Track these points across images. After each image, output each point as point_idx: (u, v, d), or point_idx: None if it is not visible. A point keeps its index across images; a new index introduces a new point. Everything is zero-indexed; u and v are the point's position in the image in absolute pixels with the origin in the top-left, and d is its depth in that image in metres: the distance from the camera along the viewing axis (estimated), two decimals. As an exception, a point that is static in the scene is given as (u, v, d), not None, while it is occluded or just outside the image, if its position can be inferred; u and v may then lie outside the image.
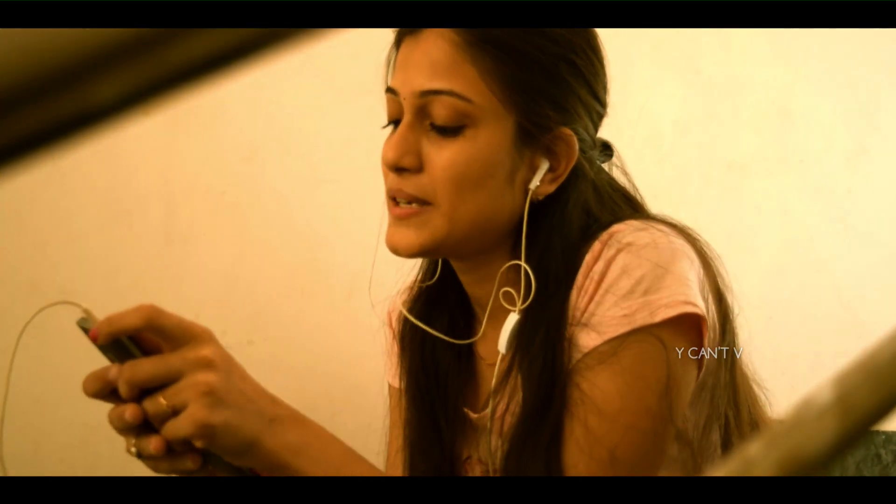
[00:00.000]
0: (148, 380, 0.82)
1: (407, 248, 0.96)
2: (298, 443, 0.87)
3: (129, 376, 0.82)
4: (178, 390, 0.82)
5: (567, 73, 0.95)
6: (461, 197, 0.94)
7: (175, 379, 0.82)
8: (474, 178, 0.94)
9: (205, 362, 0.82)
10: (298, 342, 1.90)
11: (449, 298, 1.07)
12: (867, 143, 2.13)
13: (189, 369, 0.82)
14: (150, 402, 0.82)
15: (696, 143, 2.09)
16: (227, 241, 1.87)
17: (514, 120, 0.94)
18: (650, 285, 0.91)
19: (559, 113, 0.96)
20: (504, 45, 0.93)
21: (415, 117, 0.95)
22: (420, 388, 1.07)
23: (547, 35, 0.95)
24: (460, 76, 0.93)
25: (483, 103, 0.93)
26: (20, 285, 1.78)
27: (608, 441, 0.90)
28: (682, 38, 2.07)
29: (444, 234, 0.95)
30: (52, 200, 1.80)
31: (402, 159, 0.94)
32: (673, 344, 0.91)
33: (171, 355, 0.83)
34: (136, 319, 0.82)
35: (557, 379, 0.93)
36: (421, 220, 0.95)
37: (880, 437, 1.86)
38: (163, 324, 0.83)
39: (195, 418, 0.81)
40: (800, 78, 2.11)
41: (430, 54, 0.94)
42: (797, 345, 2.06)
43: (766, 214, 2.10)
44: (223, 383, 0.83)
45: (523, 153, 0.96)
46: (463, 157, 0.93)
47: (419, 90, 0.94)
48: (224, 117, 1.87)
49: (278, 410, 0.88)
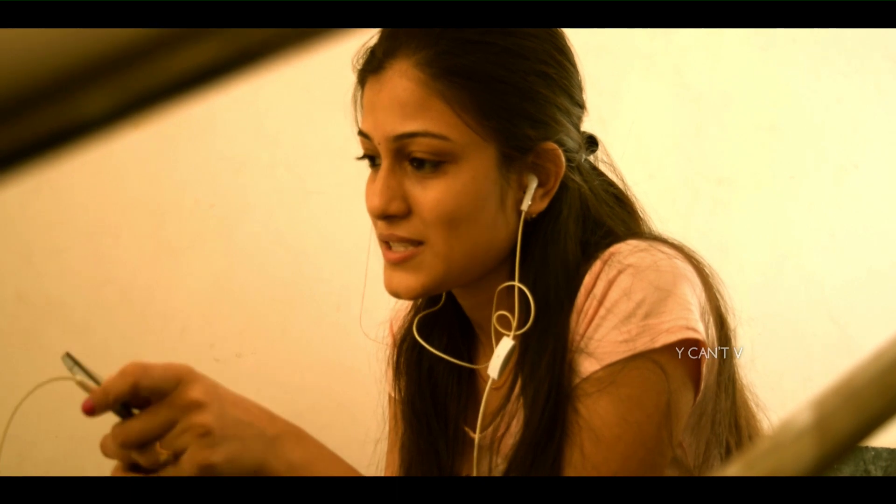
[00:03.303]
0: (142, 439, 0.82)
1: (407, 291, 0.95)
2: (302, 461, 0.88)
3: (122, 439, 0.82)
4: (174, 437, 0.82)
5: (541, 87, 0.93)
6: (454, 234, 0.92)
7: (169, 428, 0.82)
8: (465, 214, 0.92)
9: (195, 405, 0.82)
10: (286, 355, 1.89)
11: (448, 318, 1.06)
12: (857, 159, 2.13)
13: (181, 415, 0.82)
14: (149, 454, 0.83)
15: (685, 158, 2.09)
16: (215, 253, 1.87)
17: (494, 148, 0.92)
18: (651, 309, 0.90)
19: (539, 129, 0.94)
20: (472, 73, 0.91)
21: (393, 161, 0.93)
22: (416, 410, 1.06)
23: (514, 51, 0.92)
24: (432, 114, 0.90)
25: (460, 138, 0.91)
26: (6, 297, 1.77)
27: (605, 469, 0.89)
28: (672, 53, 2.08)
29: (442, 273, 0.94)
30: (39, 211, 1.79)
31: (389, 207, 0.93)
32: (673, 370, 0.90)
33: (159, 407, 0.82)
34: (124, 387, 0.81)
35: (560, 403, 0.92)
36: (416, 263, 0.94)
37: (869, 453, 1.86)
38: (151, 381, 0.82)
39: (195, 461, 0.82)
40: (789, 93, 2.12)
41: (398, 96, 0.91)
42: (786, 360, 2.06)
43: (756, 229, 2.10)
44: (217, 420, 0.83)
45: (509, 177, 0.94)
46: (450, 195, 0.91)
47: (392, 135, 0.92)
48: (212, 130, 1.87)
49: (278, 428, 0.88)
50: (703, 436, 0.97)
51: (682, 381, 0.91)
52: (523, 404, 0.95)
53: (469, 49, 0.91)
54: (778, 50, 2.10)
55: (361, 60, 0.96)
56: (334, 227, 1.90)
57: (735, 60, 2.10)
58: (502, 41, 0.92)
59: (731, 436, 0.99)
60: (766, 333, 2.03)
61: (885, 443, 1.84)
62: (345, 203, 1.85)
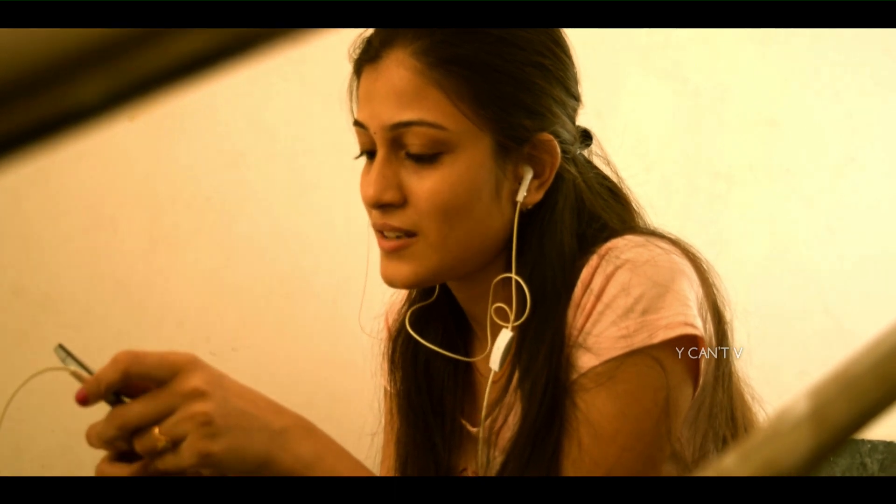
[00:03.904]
0: (139, 422, 0.80)
1: (402, 280, 0.95)
2: (311, 456, 0.85)
3: (120, 422, 0.80)
4: (174, 423, 0.79)
5: (538, 78, 0.93)
6: (449, 225, 0.92)
7: (168, 414, 0.79)
8: (460, 204, 0.92)
9: (196, 393, 0.80)
10: (283, 349, 1.89)
11: (443, 311, 1.06)
12: (854, 153, 2.13)
13: (181, 402, 0.79)
14: (146, 437, 0.79)
15: (682, 152, 2.09)
16: (212, 246, 1.86)
17: (490, 137, 0.92)
18: (649, 305, 0.89)
19: (535, 120, 0.93)
20: (468, 62, 0.90)
21: (389, 150, 0.92)
22: (412, 403, 1.06)
23: (510, 41, 0.92)
24: (428, 103, 0.90)
25: (457, 128, 0.90)
26: (3, 290, 1.77)
27: (603, 463, 0.89)
28: (669, 47, 2.07)
29: (436, 264, 0.94)
30: (35, 204, 1.79)
31: (384, 196, 0.92)
32: (671, 365, 0.90)
33: (159, 392, 0.80)
34: (115, 374, 0.79)
35: (558, 397, 0.92)
36: (411, 252, 0.93)
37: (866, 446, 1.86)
38: (143, 368, 0.80)
39: (196, 449, 0.79)
40: (787, 87, 2.12)
41: (394, 84, 0.91)
42: (782, 353, 2.06)
43: (753, 223, 2.11)
44: (220, 409, 0.80)
45: (505, 167, 0.94)
46: (445, 185, 0.91)
47: (388, 123, 0.91)
48: (209, 122, 1.87)
49: (285, 420, 0.85)
50: (701, 429, 0.97)
51: (681, 376, 0.92)
52: (521, 396, 0.95)
53: (466, 38, 0.91)
54: (776, 44, 2.10)
55: (358, 50, 0.96)
56: (332, 220, 1.90)
57: (733, 54, 2.10)
58: (499, 31, 0.92)
59: (728, 428, 0.99)
60: (762, 326, 2.03)
61: (882, 435, 1.85)
62: (342, 196, 1.85)
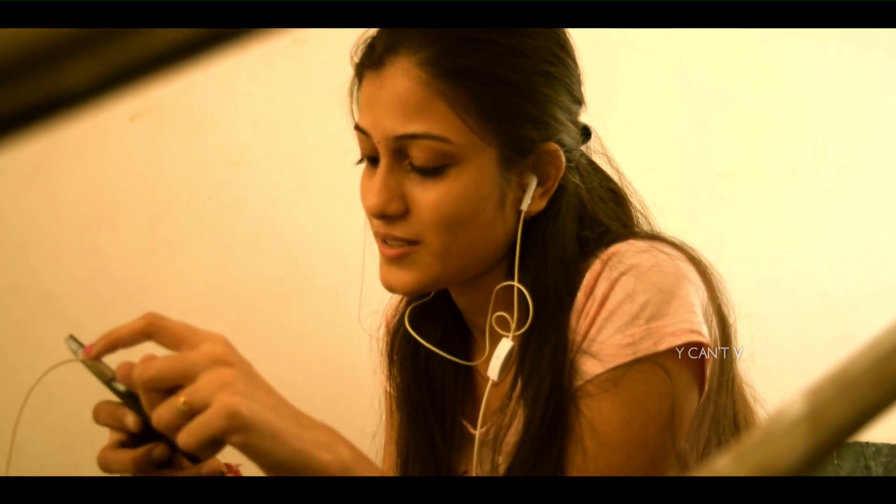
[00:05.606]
0: (161, 376, 0.74)
1: (403, 287, 0.94)
2: (351, 459, 0.79)
3: (140, 371, 0.74)
4: (197, 388, 0.73)
5: (544, 87, 0.92)
6: (453, 235, 0.91)
7: (190, 379, 0.74)
8: (464, 215, 0.91)
9: (221, 358, 0.74)
10: (282, 349, 1.89)
11: (440, 310, 1.05)
12: (858, 153, 2.12)
13: (206, 366, 0.74)
14: (166, 406, 0.73)
15: (685, 152, 2.08)
16: (212, 247, 1.86)
17: (496, 150, 0.90)
18: (655, 312, 0.89)
19: (541, 130, 0.92)
20: (475, 74, 0.89)
21: (392, 160, 0.91)
22: (412, 401, 1.05)
23: (517, 51, 0.90)
24: (434, 116, 0.88)
25: (462, 140, 0.89)
26: (1, 290, 1.77)
27: (608, 470, 0.89)
28: (672, 46, 2.07)
29: (438, 272, 0.93)
30: (34, 204, 1.79)
31: (387, 207, 0.91)
32: (676, 372, 0.90)
33: (185, 353, 0.75)
34: (139, 322, 0.76)
35: (562, 403, 0.91)
36: (413, 260, 0.93)
37: (870, 449, 1.85)
38: (167, 327, 0.76)
39: (226, 405, 0.72)
40: (790, 87, 2.11)
41: (399, 95, 0.89)
42: (785, 354, 2.05)
43: (756, 223, 2.10)
44: (245, 378, 0.75)
45: (510, 178, 0.92)
46: (450, 197, 0.90)
47: (393, 135, 0.89)
48: (209, 123, 1.86)
49: (312, 420, 0.79)
50: (704, 434, 0.96)
51: (687, 383, 0.91)
52: (524, 403, 0.94)
53: (472, 48, 0.89)
54: (779, 43, 2.09)
55: (360, 53, 0.94)
56: (330, 221, 1.89)
57: (736, 54, 2.09)
58: (506, 40, 0.90)
59: (731, 432, 0.99)
60: (765, 328, 2.02)
61: (886, 438, 1.84)
62: (341, 198, 1.84)
